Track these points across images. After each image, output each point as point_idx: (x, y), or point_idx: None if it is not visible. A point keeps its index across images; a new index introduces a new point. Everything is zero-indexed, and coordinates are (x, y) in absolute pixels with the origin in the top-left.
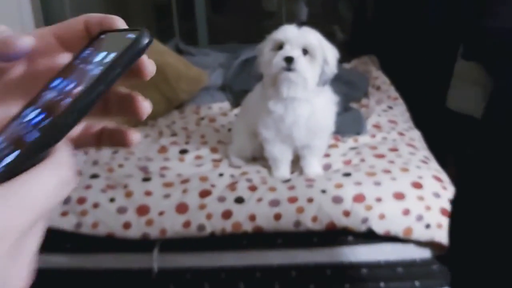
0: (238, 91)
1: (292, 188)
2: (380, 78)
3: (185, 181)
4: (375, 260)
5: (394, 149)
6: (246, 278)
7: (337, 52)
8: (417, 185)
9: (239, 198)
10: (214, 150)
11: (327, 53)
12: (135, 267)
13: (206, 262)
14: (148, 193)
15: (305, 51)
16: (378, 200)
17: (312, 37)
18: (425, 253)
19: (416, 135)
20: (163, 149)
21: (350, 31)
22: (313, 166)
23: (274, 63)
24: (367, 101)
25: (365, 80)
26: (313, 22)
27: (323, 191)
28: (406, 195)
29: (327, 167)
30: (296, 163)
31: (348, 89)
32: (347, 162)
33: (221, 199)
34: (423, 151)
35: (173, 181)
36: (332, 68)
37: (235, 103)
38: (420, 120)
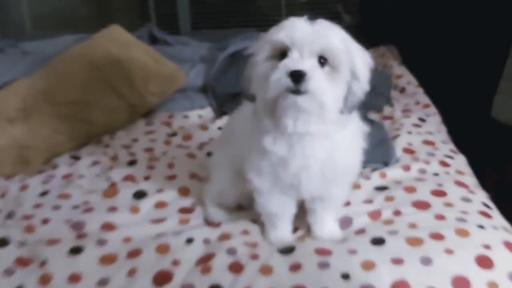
0: (224, 94)
1: (296, 268)
2: (405, 77)
3: (134, 253)
4: None
5: (439, 193)
6: None
7: (370, 58)
8: (484, 263)
9: (215, 287)
10: (183, 191)
11: (356, 61)
12: None
13: None
14: (74, 278)
15: (322, 60)
16: None
17: (334, 37)
18: None
19: (462, 165)
20: (111, 190)
21: (359, 11)
22: (327, 224)
23: (273, 81)
24: (390, 110)
25: (388, 81)
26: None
27: (345, 276)
28: (472, 282)
29: (345, 222)
30: (301, 218)
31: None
32: (375, 215)
33: None
34: (479, 193)
35: (117, 253)
36: (363, 84)
37: (220, 110)
38: (456, 132)
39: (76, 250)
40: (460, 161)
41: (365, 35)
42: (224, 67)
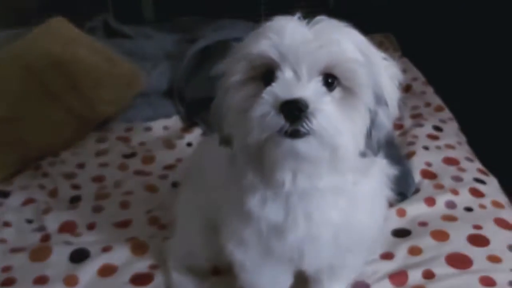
0: (194, 100)
1: None
2: (409, 72)
3: None
4: None
5: (480, 240)
6: None
7: (399, 72)
8: None
9: None
10: (139, 248)
11: (382, 78)
12: None
13: None
14: None
15: (330, 80)
16: None
17: (346, 44)
18: None
19: (497, 191)
20: (43, 249)
21: None
22: None
23: (256, 118)
24: (398, 115)
25: None
26: None
27: None
28: None
29: None
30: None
31: None
32: (400, 279)
33: None
34: None
35: None
36: (392, 110)
37: (190, 119)
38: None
39: None
40: (493, 187)
41: (356, 20)
42: (193, 66)
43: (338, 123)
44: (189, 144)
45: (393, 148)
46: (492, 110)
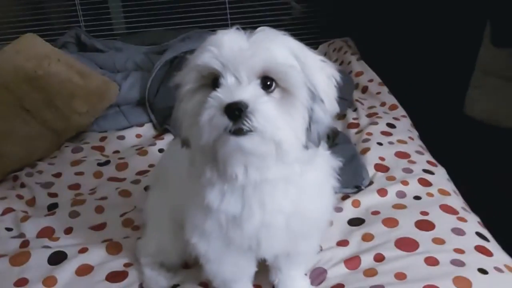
0: (164, 108)
1: None
2: (366, 74)
3: None
4: None
5: (426, 224)
6: None
7: (336, 72)
8: None
9: None
10: (114, 248)
11: (316, 77)
12: None
13: None
14: None
15: (268, 82)
16: None
17: (279, 49)
18: None
19: (445, 181)
20: (22, 254)
21: None
22: (295, 282)
23: (204, 121)
24: (354, 115)
25: (350, 82)
26: None
27: None
28: None
29: (318, 276)
30: (263, 276)
31: None
32: (353, 263)
33: None
34: (471, 221)
35: None
36: (330, 106)
37: (161, 126)
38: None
39: None
40: (441, 176)
41: (318, 27)
42: (162, 76)
43: (277, 120)
44: (160, 150)
45: (348, 145)
46: (442, 105)
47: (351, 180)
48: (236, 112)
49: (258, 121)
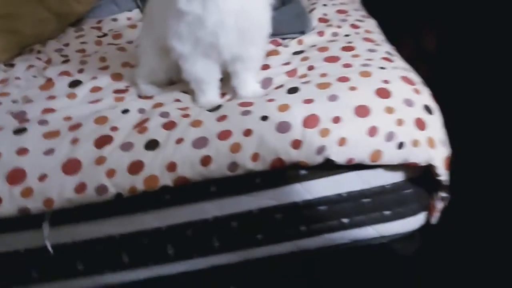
0: None
1: (223, 118)
2: None
3: (75, 126)
4: (335, 194)
5: (349, 48)
6: (174, 238)
7: None
8: (383, 93)
9: (152, 142)
10: (117, 77)
11: None
12: (20, 249)
13: (118, 229)
14: (22, 151)
15: None
16: (336, 120)
17: None
18: (396, 177)
19: (372, 26)
20: (48, 84)
21: None
22: (249, 84)
23: None
24: None
25: None
26: None
27: (264, 118)
28: (371, 109)
29: (266, 83)
30: (227, 84)
31: None
32: (292, 73)
33: (126, 147)
34: (385, 45)
35: (59, 129)
36: None
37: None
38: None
39: (20, 131)
40: (370, 23)
41: None
42: None
43: None
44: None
45: (298, 5)
46: None
47: (299, 27)
48: None
49: None
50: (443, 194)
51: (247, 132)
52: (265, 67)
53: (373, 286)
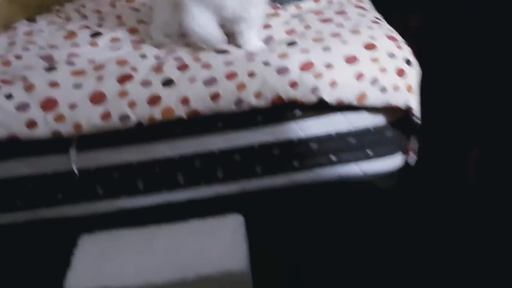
0: None
1: (229, 63)
2: None
3: (99, 67)
4: (325, 133)
5: (341, 12)
6: (184, 167)
7: None
8: (369, 46)
9: (168, 80)
10: (133, 31)
11: None
12: (49, 171)
13: (136, 156)
14: (54, 85)
15: None
16: (328, 66)
17: None
18: (378, 120)
19: None
20: (71, 35)
21: None
22: (252, 40)
23: None
24: None
25: None
26: None
27: (266, 63)
28: (359, 58)
29: (268, 40)
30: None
31: None
32: (291, 32)
33: (146, 83)
34: (373, 12)
35: (85, 69)
36: None
37: None
38: None
39: (50, 69)
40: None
41: None
42: None
43: None
44: None
45: None
46: None
47: None
48: None
49: None
50: (416, 137)
51: (251, 74)
52: (267, 26)
53: (357, 219)
